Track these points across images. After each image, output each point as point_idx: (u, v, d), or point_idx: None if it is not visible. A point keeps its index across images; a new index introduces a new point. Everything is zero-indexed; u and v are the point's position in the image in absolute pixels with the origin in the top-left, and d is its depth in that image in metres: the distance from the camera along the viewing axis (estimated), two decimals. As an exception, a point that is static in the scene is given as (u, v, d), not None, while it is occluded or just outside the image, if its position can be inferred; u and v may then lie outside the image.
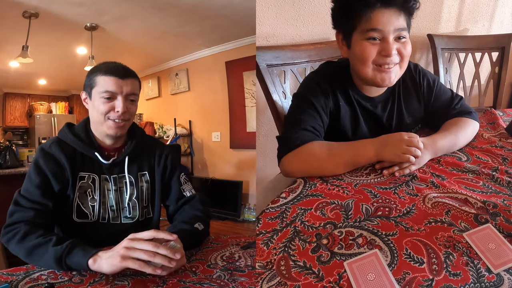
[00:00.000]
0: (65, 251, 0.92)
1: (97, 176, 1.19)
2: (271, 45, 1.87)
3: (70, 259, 0.91)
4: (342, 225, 0.92)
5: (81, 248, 0.93)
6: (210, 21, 3.46)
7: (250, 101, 3.95)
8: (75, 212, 1.16)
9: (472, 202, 0.95)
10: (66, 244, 0.94)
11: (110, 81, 1.14)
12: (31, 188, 1.10)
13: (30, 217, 1.04)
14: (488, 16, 2.59)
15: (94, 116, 1.19)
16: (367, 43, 1.14)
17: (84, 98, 1.21)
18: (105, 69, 1.15)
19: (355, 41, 1.17)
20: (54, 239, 0.96)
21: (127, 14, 3.25)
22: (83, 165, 1.18)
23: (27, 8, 2.97)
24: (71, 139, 1.18)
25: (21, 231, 1.00)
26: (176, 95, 5.04)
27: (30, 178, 1.12)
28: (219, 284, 0.91)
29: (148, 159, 1.27)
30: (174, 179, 1.29)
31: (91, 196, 1.18)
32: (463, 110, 1.34)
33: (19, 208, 1.06)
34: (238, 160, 4.23)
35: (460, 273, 0.75)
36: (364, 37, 1.14)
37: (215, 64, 4.36)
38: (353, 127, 1.29)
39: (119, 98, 1.15)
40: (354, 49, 1.19)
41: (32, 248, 0.96)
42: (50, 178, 1.12)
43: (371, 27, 1.12)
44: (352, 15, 1.14)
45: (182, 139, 4.77)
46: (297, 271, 0.80)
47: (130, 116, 1.20)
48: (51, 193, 1.11)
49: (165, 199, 1.30)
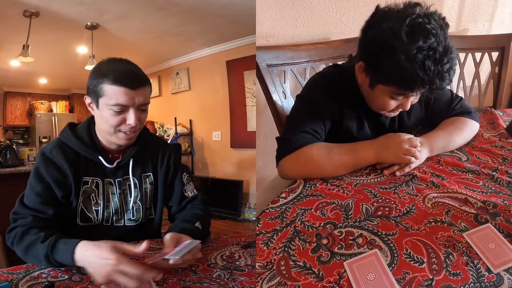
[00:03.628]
0: (50, 247, 0.92)
1: (101, 180, 1.16)
2: (271, 45, 1.87)
3: (57, 254, 0.91)
4: (342, 225, 0.92)
5: (63, 242, 0.92)
6: (211, 20, 3.46)
7: (251, 101, 3.95)
8: (79, 217, 1.14)
9: (472, 202, 0.95)
10: (49, 240, 0.93)
11: (121, 92, 1.03)
12: (31, 196, 1.07)
13: (28, 222, 1.03)
14: (488, 16, 2.58)
15: (102, 125, 1.12)
16: (391, 100, 1.14)
17: (89, 103, 1.11)
18: (113, 77, 1.03)
19: (378, 90, 1.14)
20: (42, 236, 0.95)
21: (127, 13, 3.24)
22: (86, 169, 1.14)
23: (27, 7, 2.97)
24: (74, 143, 1.13)
25: (18, 233, 1.00)
26: (177, 94, 5.04)
27: (31, 186, 1.09)
28: (219, 283, 0.91)
29: (151, 159, 1.25)
30: (177, 180, 1.27)
31: (95, 201, 1.15)
32: (462, 111, 1.34)
33: (19, 216, 1.05)
34: (238, 160, 4.23)
35: (460, 272, 0.75)
36: (390, 95, 1.13)
37: (215, 63, 4.37)
38: (357, 131, 1.29)
39: (131, 110, 1.06)
40: (375, 94, 1.17)
41: (26, 247, 0.96)
42: (52, 185, 1.08)
43: (402, 94, 1.12)
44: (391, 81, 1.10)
45: (182, 138, 4.77)
46: (297, 271, 0.80)
47: (141, 125, 1.14)
48: (52, 201, 1.08)
49: (167, 200, 1.28)
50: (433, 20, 1.02)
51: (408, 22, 1.01)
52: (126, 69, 1.06)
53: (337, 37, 1.95)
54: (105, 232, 1.17)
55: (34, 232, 0.99)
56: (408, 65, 1.00)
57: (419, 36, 0.99)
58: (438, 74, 1.01)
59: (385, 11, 1.08)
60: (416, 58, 0.99)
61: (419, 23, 1.01)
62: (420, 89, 1.06)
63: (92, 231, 1.15)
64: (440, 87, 1.05)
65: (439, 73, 1.01)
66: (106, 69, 1.05)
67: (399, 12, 1.05)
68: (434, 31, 1.00)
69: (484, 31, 2.60)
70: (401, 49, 1.00)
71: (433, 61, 1.00)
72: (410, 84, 1.04)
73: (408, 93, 1.11)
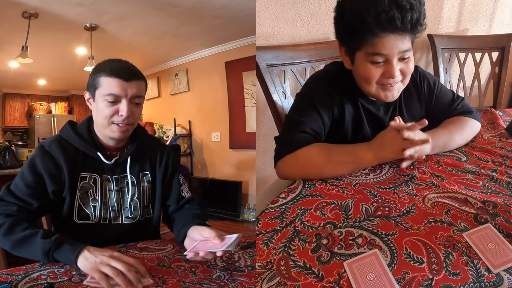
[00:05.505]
0: (53, 245, 0.94)
1: (99, 176, 1.18)
2: (271, 45, 1.87)
3: (59, 253, 0.94)
4: (342, 225, 0.92)
5: (69, 243, 0.95)
6: (210, 21, 3.46)
7: (250, 101, 3.95)
8: (76, 214, 1.15)
9: (472, 202, 0.95)
10: (55, 238, 0.95)
11: (114, 83, 1.10)
12: (20, 185, 1.08)
13: (13, 212, 1.04)
14: (488, 16, 2.59)
15: (97, 118, 1.16)
16: (371, 66, 1.12)
17: (88, 99, 1.18)
18: (109, 70, 1.11)
19: (358, 60, 1.14)
20: (41, 232, 0.98)
21: (126, 14, 3.24)
22: (84, 165, 1.16)
23: (26, 8, 2.96)
24: (73, 138, 1.16)
25: (6, 223, 1.00)
26: (176, 95, 5.04)
27: (23, 175, 1.10)
28: (219, 284, 0.91)
29: (149, 159, 1.27)
30: (175, 180, 1.29)
31: (92, 197, 1.16)
32: (464, 111, 1.34)
33: (3, 203, 1.06)
34: (237, 160, 4.23)
35: (459, 272, 0.75)
36: (368, 59, 1.11)
37: (214, 64, 4.37)
38: (356, 130, 1.28)
39: (123, 101, 1.12)
40: (357, 67, 1.16)
41: (19, 240, 0.97)
42: (45, 179, 1.10)
43: (376, 51, 1.08)
44: (356, 37, 1.10)
45: (181, 139, 4.77)
46: (297, 271, 0.80)
47: (134, 120, 1.17)
48: (40, 194, 1.10)
49: (165, 199, 1.29)
50: None
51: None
52: (122, 65, 1.15)
53: (337, 37, 1.95)
54: (103, 231, 1.18)
55: (25, 225, 1.00)
56: (357, 2, 1.02)
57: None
58: (392, 1, 0.99)
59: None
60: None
61: None
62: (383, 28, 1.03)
63: (89, 229, 1.16)
64: (405, 20, 1.01)
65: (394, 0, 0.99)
66: (104, 65, 1.14)
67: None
68: None
69: (484, 31, 2.60)
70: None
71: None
72: (366, 21, 1.02)
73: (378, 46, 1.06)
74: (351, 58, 1.17)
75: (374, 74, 1.13)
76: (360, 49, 1.11)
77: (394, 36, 1.05)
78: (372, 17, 1.01)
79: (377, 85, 1.16)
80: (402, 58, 1.11)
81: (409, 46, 1.10)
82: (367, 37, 1.06)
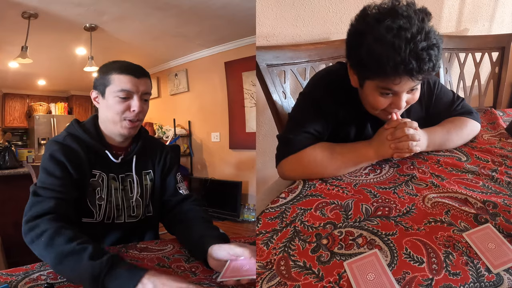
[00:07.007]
0: (104, 269, 0.82)
1: (106, 174, 1.17)
2: (271, 45, 1.87)
3: (111, 281, 0.81)
4: (342, 225, 0.92)
5: (126, 269, 0.83)
6: (209, 22, 3.47)
7: (249, 102, 3.95)
8: (81, 211, 1.13)
9: (472, 202, 0.95)
10: (106, 259, 0.83)
11: (126, 80, 1.12)
12: (48, 180, 1.03)
13: (51, 208, 0.96)
14: (488, 16, 2.59)
15: (107, 115, 1.16)
16: (380, 97, 1.10)
17: (95, 97, 1.18)
18: (120, 68, 1.14)
19: (367, 88, 1.11)
20: (89, 249, 0.85)
21: (126, 15, 3.25)
22: (95, 162, 1.16)
23: (26, 9, 2.97)
24: (83, 135, 1.15)
25: (47, 232, 0.90)
26: (176, 96, 5.04)
27: (47, 171, 1.05)
28: (219, 284, 0.91)
29: (151, 158, 1.28)
30: (171, 176, 1.29)
31: (99, 195, 1.16)
32: (464, 111, 1.34)
33: (38, 199, 0.99)
34: (237, 161, 4.23)
35: (459, 272, 0.75)
36: (378, 91, 1.08)
37: (214, 64, 4.37)
38: (359, 131, 1.28)
39: (135, 97, 1.14)
40: (366, 94, 1.14)
41: (63, 256, 0.86)
42: (70, 170, 1.07)
43: (387, 87, 1.06)
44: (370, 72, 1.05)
45: (181, 139, 4.77)
46: (297, 271, 0.80)
47: (144, 115, 1.20)
48: (73, 183, 1.07)
49: (162, 195, 1.29)
50: (406, 6, 1.00)
51: (376, 7, 1.01)
52: (130, 64, 1.18)
53: (337, 37, 1.95)
54: (106, 229, 1.18)
55: (68, 234, 0.89)
56: (378, 46, 0.97)
57: (387, 17, 0.97)
58: (412, 53, 0.96)
59: None
60: (386, 39, 0.96)
61: (388, 6, 1.00)
62: (399, 75, 1.00)
63: (93, 228, 1.15)
64: (422, 70, 0.98)
65: (414, 52, 0.96)
66: (113, 64, 1.17)
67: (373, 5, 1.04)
68: (405, 13, 0.97)
69: (484, 31, 2.60)
70: (369, 31, 0.98)
71: (404, 39, 0.95)
72: (384, 67, 0.99)
73: (390, 84, 1.04)
74: (360, 82, 1.14)
75: (382, 105, 1.11)
76: (371, 79, 1.08)
77: (408, 78, 1.02)
78: (390, 66, 0.97)
79: (382, 110, 1.15)
80: (411, 89, 1.10)
81: (418, 82, 1.08)
82: (381, 76, 1.04)
